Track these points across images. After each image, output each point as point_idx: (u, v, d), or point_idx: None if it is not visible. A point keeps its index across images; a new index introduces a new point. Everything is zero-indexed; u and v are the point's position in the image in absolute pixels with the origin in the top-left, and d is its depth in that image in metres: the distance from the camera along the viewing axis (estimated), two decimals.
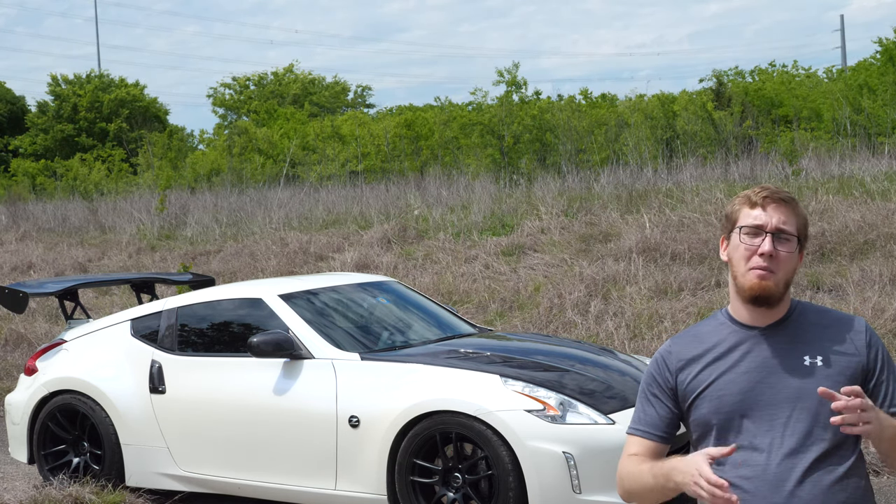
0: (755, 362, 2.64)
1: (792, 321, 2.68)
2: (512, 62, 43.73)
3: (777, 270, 2.61)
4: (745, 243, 2.64)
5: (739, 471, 2.59)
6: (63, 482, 6.52)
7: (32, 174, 34.47)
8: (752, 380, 2.62)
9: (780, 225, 2.63)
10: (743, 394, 2.62)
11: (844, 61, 48.60)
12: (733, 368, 2.65)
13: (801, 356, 2.63)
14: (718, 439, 2.65)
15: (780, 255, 2.62)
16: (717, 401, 2.64)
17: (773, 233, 2.62)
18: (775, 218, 2.63)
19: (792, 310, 2.70)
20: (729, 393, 2.63)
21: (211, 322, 6.67)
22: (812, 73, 36.18)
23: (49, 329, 11.61)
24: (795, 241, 2.65)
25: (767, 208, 2.65)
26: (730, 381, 2.64)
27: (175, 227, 18.78)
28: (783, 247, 2.63)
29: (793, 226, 2.65)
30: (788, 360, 2.63)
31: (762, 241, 2.62)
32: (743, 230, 2.65)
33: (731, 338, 2.69)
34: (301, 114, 37.82)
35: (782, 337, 2.66)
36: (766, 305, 2.64)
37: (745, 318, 2.69)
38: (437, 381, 5.57)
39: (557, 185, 17.60)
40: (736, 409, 2.62)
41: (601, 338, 9.07)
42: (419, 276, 12.03)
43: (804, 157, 17.06)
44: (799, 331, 2.67)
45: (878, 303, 8.69)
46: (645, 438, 2.78)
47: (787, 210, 2.66)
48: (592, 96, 34.94)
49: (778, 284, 2.62)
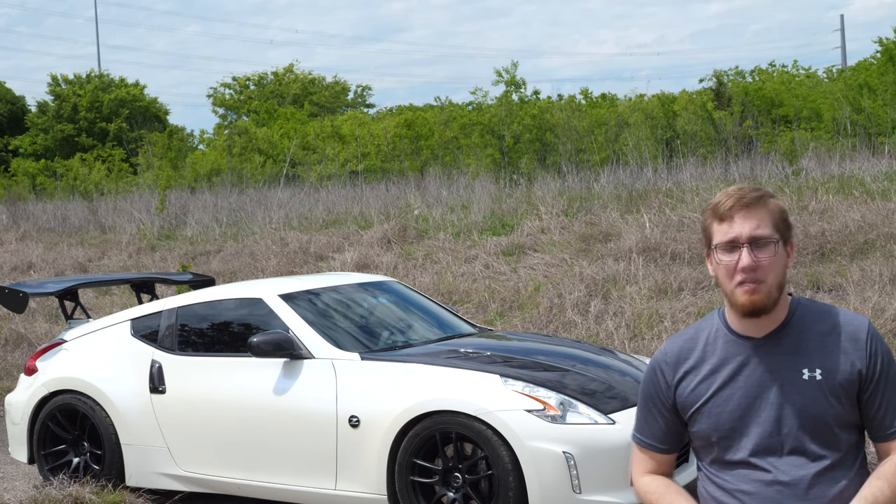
0: (753, 377, 2.56)
1: (791, 329, 2.59)
2: (511, 62, 43.73)
3: (765, 278, 2.51)
4: (723, 262, 2.53)
5: (737, 484, 2.56)
6: (63, 482, 6.51)
7: (32, 174, 34.47)
8: (749, 395, 2.56)
9: (752, 233, 2.51)
10: (741, 410, 2.56)
11: (844, 61, 48.63)
12: (730, 383, 2.58)
13: (799, 369, 2.54)
14: (719, 452, 2.61)
15: (762, 262, 2.50)
16: (715, 417, 2.58)
17: (749, 243, 2.50)
18: (747, 226, 2.51)
19: (791, 314, 2.60)
20: (727, 410, 2.57)
21: (211, 322, 6.67)
22: (812, 72, 36.19)
23: (49, 329, 11.61)
24: (775, 242, 2.53)
25: (736, 217, 2.52)
26: (727, 396, 2.58)
27: (175, 227, 18.79)
28: (763, 253, 2.51)
29: (768, 227, 2.53)
30: (787, 373, 2.55)
31: (739, 255, 2.51)
32: (718, 248, 2.54)
33: (728, 349, 2.61)
34: (301, 114, 37.82)
35: (780, 348, 2.57)
36: (763, 314, 2.56)
37: (741, 329, 2.61)
38: (437, 380, 5.57)
39: (557, 184, 17.60)
40: (735, 425, 2.56)
41: (601, 338, 9.07)
42: (419, 276, 12.03)
43: (804, 157, 17.07)
44: (797, 340, 2.57)
45: (878, 303, 8.69)
46: (653, 451, 2.75)
47: (758, 212, 2.53)
48: (592, 96, 34.96)
49: (770, 293, 2.52)
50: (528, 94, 26.65)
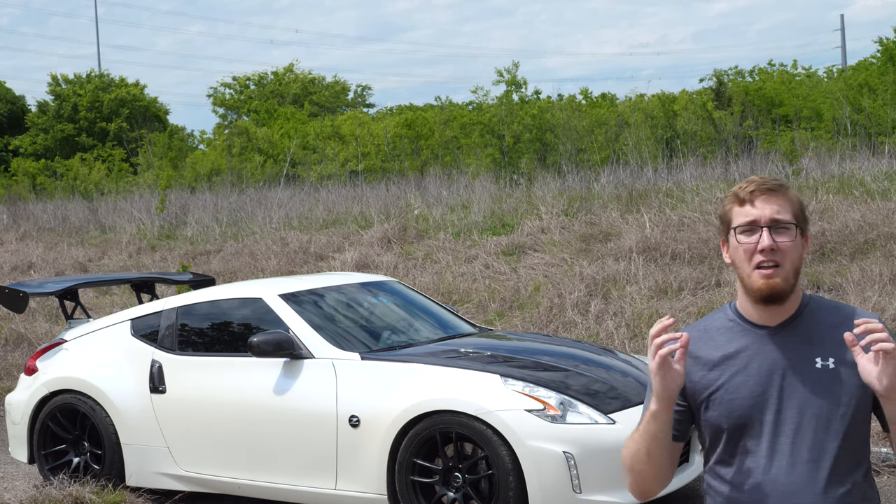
0: (766, 364, 2.57)
1: (803, 319, 2.60)
2: (512, 62, 43.74)
3: (783, 262, 2.53)
4: (743, 243, 2.56)
5: (745, 476, 2.55)
6: (63, 482, 6.52)
7: (33, 174, 34.46)
8: (762, 383, 2.56)
9: (774, 216, 2.55)
10: (754, 398, 2.56)
11: (844, 61, 48.62)
12: (744, 370, 2.58)
13: (813, 358, 2.55)
14: (728, 443, 2.60)
15: (781, 246, 2.53)
16: (727, 404, 2.58)
17: (769, 226, 2.54)
18: (768, 210, 2.55)
19: (804, 306, 2.62)
20: (740, 396, 2.57)
21: (211, 322, 6.67)
22: (812, 72, 36.18)
23: (49, 329, 11.61)
24: (794, 227, 2.57)
25: (757, 202, 2.57)
26: (740, 383, 2.58)
27: (175, 227, 18.79)
28: (782, 237, 2.54)
29: (788, 213, 2.57)
30: (800, 362, 2.56)
31: (759, 236, 2.54)
32: (738, 230, 2.57)
33: (741, 337, 2.62)
34: (301, 113, 37.83)
35: (794, 337, 2.58)
36: (778, 302, 2.57)
37: (754, 317, 2.62)
38: (437, 380, 5.57)
39: (557, 184, 17.60)
40: (747, 412, 2.56)
41: (601, 337, 9.07)
42: (419, 276, 12.03)
43: (804, 157, 17.07)
44: (811, 330, 2.59)
45: (879, 302, 8.69)
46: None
47: (779, 198, 2.57)
48: (592, 96, 34.95)
49: (787, 278, 2.54)
50: (528, 94, 26.68)
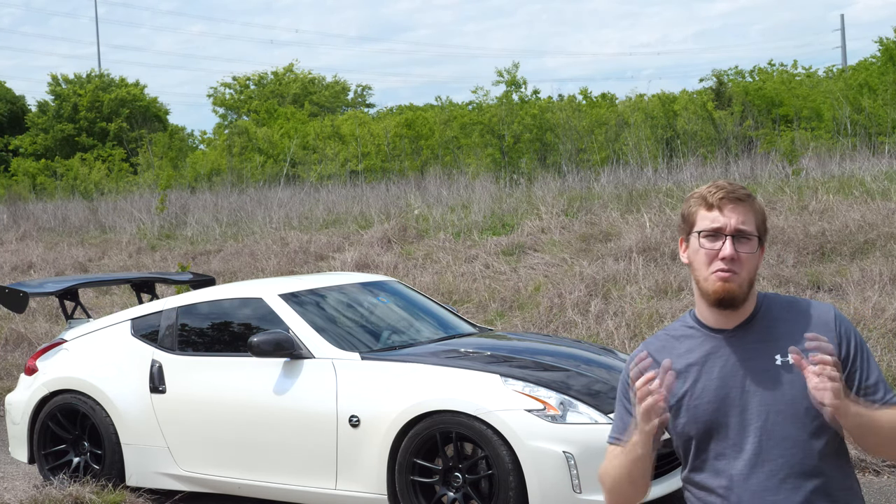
0: (727, 367, 2.60)
1: (759, 319, 2.64)
2: (512, 62, 43.72)
3: (740, 271, 2.57)
4: (704, 248, 2.59)
5: (719, 479, 2.57)
6: (63, 482, 6.52)
7: (33, 174, 34.47)
8: (725, 385, 2.59)
9: (739, 226, 2.58)
10: (718, 401, 2.58)
11: (844, 61, 48.63)
12: (706, 375, 2.61)
13: (772, 355, 2.59)
14: (699, 450, 2.61)
15: (741, 256, 2.57)
16: (693, 410, 2.60)
17: (733, 235, 2.57)
18: (734, 219, 2.58)
19: (759, 306, 2.66)
20: (704, 401, 2.59)
21: (211, 322, 6.67)
22: (812, 72, 36.17)
23: (49, 329, 11.61)
24: (756, 239, 2.61)
25: (725, 209, 2.59)
26: (703, 388, 2.60)
27: (175, 227, 18.80)
28: (744, 247, 2.58)
29: (752, 224, 2.60)
30: (760, 361, 2.59)
31: (722, 244, 2.57)
32: (702, 234, 2.60)
33: (701, 344, 2.65)
34: (301, 113, 37.82)
35: (752, 336, 2.62)
36: (732, 307, 2.60)
37: (711, 322, 2.66)
38: (437, 380, 5.57)
39: (557, 184, 17.61)
40: (712, 416, 2.58)
41: (601, 337, 9.07)
42: (419, 276, 12.03)
43: (804, 157, 17.09)
44: (767, 328, 2.63)
45: (879, 302, 8.69)
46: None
47: (745, 209, 2.61)
48: (592, 96, 34.93)
49: (742, 286, 2.58)
50: (528, 94, 26.68)
